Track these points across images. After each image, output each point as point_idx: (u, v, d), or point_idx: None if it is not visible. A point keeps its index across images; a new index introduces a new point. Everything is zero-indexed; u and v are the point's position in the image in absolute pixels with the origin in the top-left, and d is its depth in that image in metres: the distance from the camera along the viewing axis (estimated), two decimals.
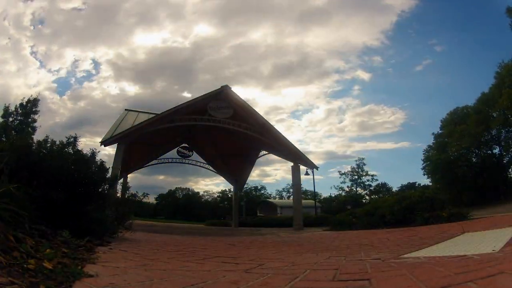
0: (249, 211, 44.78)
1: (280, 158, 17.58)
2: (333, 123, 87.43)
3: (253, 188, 65.16)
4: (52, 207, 3.22)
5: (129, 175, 19.26)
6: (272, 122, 16.14)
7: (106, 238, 3.92)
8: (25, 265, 1.59)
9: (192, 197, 70.83)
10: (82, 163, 4.18)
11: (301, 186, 17.22)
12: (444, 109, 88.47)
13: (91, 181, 4.20)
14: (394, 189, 52.92)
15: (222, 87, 14.21)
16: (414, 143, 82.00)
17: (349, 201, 47.52)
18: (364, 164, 51.52)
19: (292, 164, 15.30)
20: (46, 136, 4.37)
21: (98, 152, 4.72)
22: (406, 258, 2.43)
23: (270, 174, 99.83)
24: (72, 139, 4.45)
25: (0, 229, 1.94)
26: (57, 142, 4.33)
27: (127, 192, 6.27)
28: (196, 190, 73.04)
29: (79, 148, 4.50)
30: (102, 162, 4.70)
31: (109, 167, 5.17)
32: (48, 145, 4.22)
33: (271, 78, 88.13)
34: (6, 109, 26.06)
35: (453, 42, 67.14)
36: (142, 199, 7.15)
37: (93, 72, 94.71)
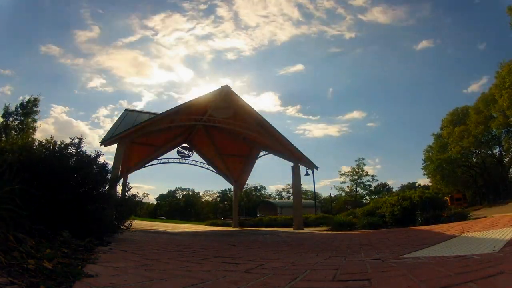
0: (249, 211, 44.82)
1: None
2: None
3: (253, 188, 65.21)
4: (53, 207, 3.22)
5: None
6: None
7: (106, 238, 3.92)
8: (25, 265, 1.59)
9: (192, 197, 70.88)
10: (84, 164, 4.17)
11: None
12: None
13: (92, 182, 4.20)
14: (395, 189, 53.00)
15: (222, 87, 14.20)
16: None
17: (349, 201, 47.54)
18: (364, 165, 51.51)
19: (292, 164, 15.29)
20: (51, 137, 4.35)
21: (103, 154, 4.70)
22: (406, 258, 2.43)
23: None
24: (76, 140, 4.44)
25: (0, 229, 1.94)
26: (58, 143, 4.32)
27: (127, 192, 6.26)
28: (196, 191, 73.10)
29: (83, 149, 4.48)
30: (104, 164, 4.69)
31: (110, 168, 5.16)
32: (50, 145, 4.21)
33: None
34: (6, 109, 26.10)
35: None
36: (142, 199, 7.15)
37: None
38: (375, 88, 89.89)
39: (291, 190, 28.19)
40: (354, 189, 51.88)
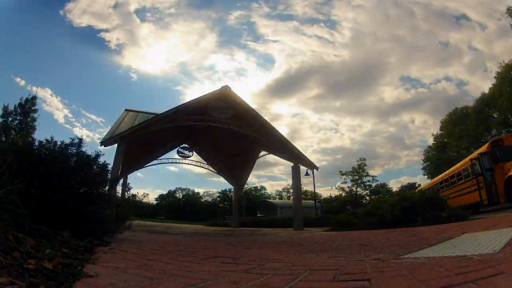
0: (249, 211, 44.83)
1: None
2: None
3: (253, 188, 65.27)
4: (53, 207, 3.23)
5: None
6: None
7: (106, 238, 3.92)
8: (25, 265, 1.59)
9: (192, 197, 70.87)
10: (84, 164, 4.17)
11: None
12: None
13: (92, 182, 4.20)
14: (394, 189, 53.05)
15: (222, 87, 14.23)
16: None
17: (350, 201, 47.54)
18: (365, 165, 51.56)
19: (292, 164, 15.30)
20: (51, 137, 4.34)
21: (103, 154, 4.69)
22: (406, 259, 2.42)
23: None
24: (76, 140, 4.44)
25: (0, 229, 1.94)
26: (59, 142, 4.31)
27: (127, 192, 6.27)
28: (196, 191, 73.15)
29: (83, 149, 4.47)
30: (104, 164, 4.69)
31: (110, 168, 5.16)
32: (50, 145, 4.20)
33: None
34: (5, 108, 26.12)
35: None
36: (142, 199, 7.16)
37: None
38: None
39: (291, 190, 28.20)
40: (355, 189, 51.94)
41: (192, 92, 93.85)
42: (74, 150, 4.34)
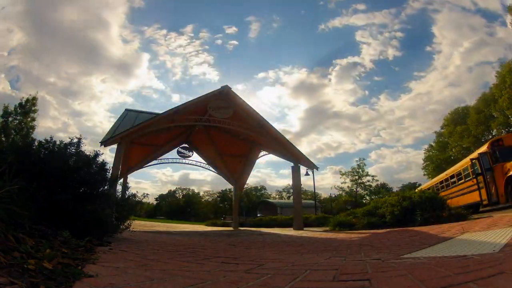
0: (249, 211, 44.83)
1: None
2: None
3: (253, 188, 65.26)
4: (53, 207, 3.22)
5: None
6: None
7: (106, 238, 3.92)
8: (25, 265, 1.59)
9: (192, 197, 70.91)
10: (83, 164, 4.17)
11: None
12: None
13: (92, 181, 4.19)
14: (395, 189, 53.08)
15: (222, 87, 14.22)
16: None
17: (349, 201, 47.57)
18: (365, 165, 51.64)
19: (292, 164, 15.30)
20: (51, 137, 4.34)
21: (102, 154, 4.69)
22: (406, 258, 2.43)
23: None
24: (75, 140, 4.44)
25: (0, 229, 1.94)
26: (58, 142, 4.31)
27: (127, 192, 6.26)
28: (196, 191, 73.25)
29: (82, 149, 4.48)
30: (103, 163, 4.69)
31: (110, 167, 5.16)
32: (50, 145, 4.20)
33: None
34: (6, 108, 26.12)
35: None
36: (142, 199, 7.16)
37: None
38: None
39: (291, 190, 28.21)
40: (354, 189, 51.96)
41: None
42: (73, 150, 4.34)
